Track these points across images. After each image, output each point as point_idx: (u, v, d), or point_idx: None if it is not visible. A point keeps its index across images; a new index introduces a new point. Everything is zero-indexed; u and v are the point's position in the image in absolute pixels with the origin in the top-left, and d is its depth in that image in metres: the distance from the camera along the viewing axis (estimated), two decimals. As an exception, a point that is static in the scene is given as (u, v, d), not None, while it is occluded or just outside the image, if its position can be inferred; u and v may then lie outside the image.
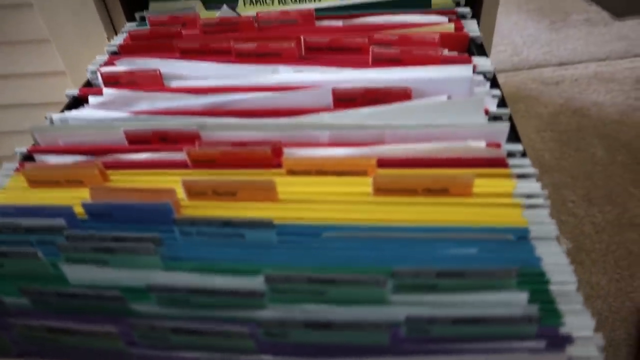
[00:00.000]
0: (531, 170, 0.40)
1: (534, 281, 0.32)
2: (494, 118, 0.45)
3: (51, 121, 0.51)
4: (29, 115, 0.79)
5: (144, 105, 0.50)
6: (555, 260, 0.33)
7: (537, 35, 1.60)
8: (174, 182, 0.41)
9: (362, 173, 0.39)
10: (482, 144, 0.40)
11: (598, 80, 1.40)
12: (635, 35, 1.55)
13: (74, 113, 0.50)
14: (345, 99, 0.46)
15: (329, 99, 0.46)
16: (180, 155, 0.43)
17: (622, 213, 1.02)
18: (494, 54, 1.50)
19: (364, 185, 0.38)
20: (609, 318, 0.86)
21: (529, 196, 0.38)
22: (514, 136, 0.44)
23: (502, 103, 0.48)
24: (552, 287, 0.32)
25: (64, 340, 0.31)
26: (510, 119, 0.46)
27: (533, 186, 0.38)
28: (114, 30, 0.72)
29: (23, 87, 0.77)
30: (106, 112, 0.49)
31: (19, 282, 0.34)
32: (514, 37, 1.59)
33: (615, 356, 0.81)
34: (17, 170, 0.46)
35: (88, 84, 0.58)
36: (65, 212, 0.38)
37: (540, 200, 0.37)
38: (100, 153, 0.45)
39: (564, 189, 1.10)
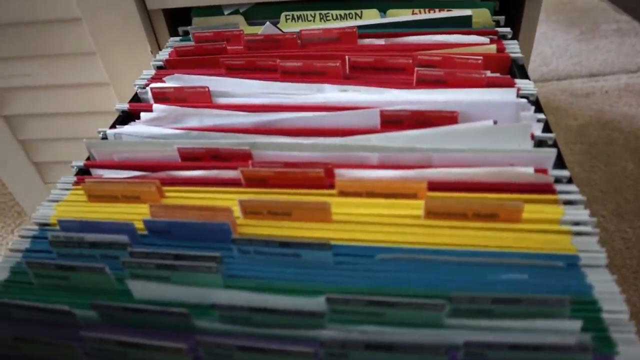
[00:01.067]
0: (579, 197, 0.40)
1: (586, 309, 0.33)
2: (539, 142, 0.46)
3: (105, 136, 0.53)
4: (75, 122, 0.82)
5: (193, 122, 0.52)
6: (606, 289, 0.34)
7: (566, 45, 1.59)
8: (228, 200, 0.42)
9: (412, 196, 0.40)
10: (529, 169, 0.41)
11: (629, 92, 1.39)
12: (667, 47, 1.53)
13: (127, 129, 0.52)
14: (392, 121, 0.47)
15: (376, 120, 0.48)
16: (233, 173, 0.44)
17: (654, 229, 1.02)
18: (522, 64, 1.50)
19: (415, 207, 0.39)
20: (641, 336, 0.86)
21: (577, 223, 0.39)
22: (559, 162, 0.45)
23: (546, 127, 0.48)
24: (604, 316, 0.32)
25: (132, 354, 0.33)
26: (556, 144, 0.46)
27: (581, 213, 0.39)
28: (157, 44, 0.75)
29: (69, 96, 0.80)
30: (158, 129, 0.51)
31: (85, 296, 0.36)
32: (543, 47, 1.58)
33: (647, 374, 0.80)
34: (75, 183, 0.48)
35: (136, 98, 0.60)
36: (127, 228, 0.40)
37: (588, 228, 0.38)
38: (154, 169, 0.47)
39: (593, 203, 1.09)
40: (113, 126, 0.55)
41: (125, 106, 0.57)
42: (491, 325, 0.31)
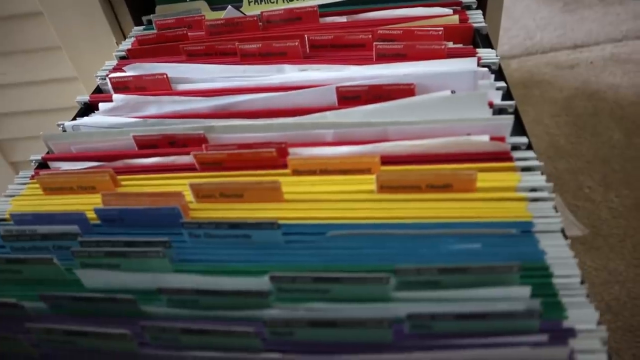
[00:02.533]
0: (536, 162, 0.40)
1: (537, 275, 0.32)
2: (499, 111, 0.45)
3: (64, 129, 0.52)
4: (44, 121, 0.81)
5: (152, 110, 0.51)
6: (559, 254, 0.33)
7: (550, 18, 1.57)
8: (183, 186, 0.42)
9: (366, 171, 0.39)
10: (485, 138, 0.40)
11: (614, 62, 1.37)
12: (653, 14, 1.52)
13: (86, 120, 0.52)
14: (349, 97, 0.46)
15: (333, 98, 0.47)
16: (188, 159, 0.44)
17: (640, 197, 1.01)
18: (506, 39, 1.48)
19: (368, 183, 0.39)
20: (628, 303, 0.85)
21: (534, 189, 0.38)
22: (519, 128, 0.44)
23: (507, 95, 0.47)
24: (556, 281, 0.32)
25: (80, 342, 0.32)
26: (516, 110, 0.46)
27: (538, 179, 0.38)
28: (122, 34, 0.74)
29: (37, 94, 0.79)
30: (116, 118, 0.50)
31: (37, 288, 0.36)
32: (527, 21, 1.57)
33: (634, 342, 0.80)
34: (32, 177, 0.47)
35: (98, 90, 0.59)
36: (78, 218, 0.39)
37: (545, 194, 0.37)
38: (111, 159, 0.47)
39: (580, 175, 1.09)
40: (74, 119, 0.54)
41: (86, 98, 0.56)
42: (439, 296, 0.31)
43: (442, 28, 0.52)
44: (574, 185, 1.06)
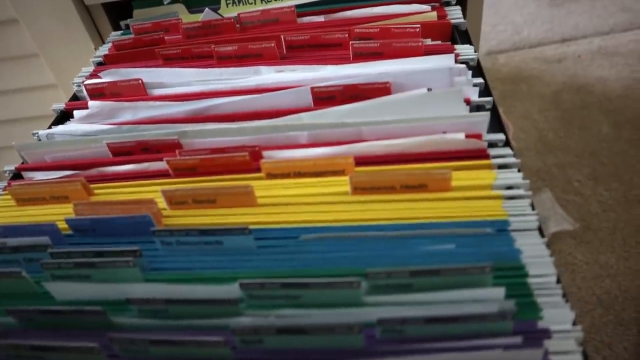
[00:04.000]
0: (513, 160, 0.39)
1: (512, 275, 0.32)
2: (476, 107, 0.45)
3: (39, 138, 0.51)
4: (23, 130, 0.80)
5: (127, 116, 0.51)
6: (535, 252, 0.33)
7: (537, 12, 1.57)
8: (156, 193, 0.41)
9: (340, 172, 0.39)
10: (461, 135, 0.40)
11: (602, 55, 1.37)
12: (640, 6, 1.51)
13: (60, 128, 0.51)
14: (324, 98, 0.46)
15: (308, 99, 0.46)
16: (162, 165, 0.43)
17: (629, 190, 1.01)
18: (494, 34, 1.48)
19: (343, 185, 0.38)
20: (619, 297, 0.85)
21: (510, 187, 0.37)
22: (497, 125, 0.43)
23: (486, 91, 0.47)
24: (531, 280, 0.31)
25: (49, 357, 0.31)
26: (494, 107, 0.45)
27: (514, 176, 0.38)
28: (101, 39, 0.73)
29: (15, 102, 0.78)
30: (91, 126, 0.50)
31: (5, 302, 0.35)
32: (514, 16, 1.56)
33: (625, 335, 0.80)
34: (4, 189, 0.46)
35: (75, 98, 0.58)
36: (49, 229, 0.38)
37: (521, 191, 0.37)
38: (85, 167, 0.46)
39: (569, 169, 1.08)
40: (50, 128, 0.53)
41: (62, 106, 0.56)
42: (410, 300, 0.30)
43: (419, 25, 0.52)
44: (563, 179, 1.06)
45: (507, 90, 1.29)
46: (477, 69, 0.50)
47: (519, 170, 0.38)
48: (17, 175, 0.49)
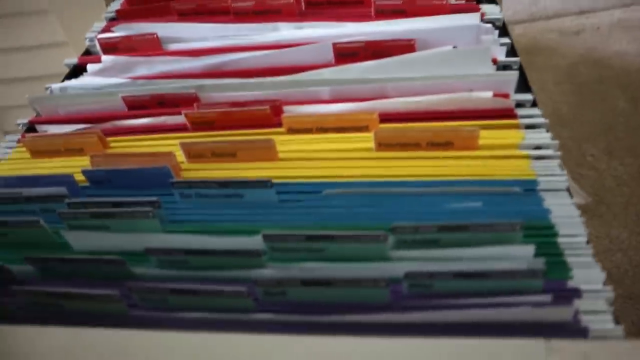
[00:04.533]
0: (541, 120, 0.38)
1: (542, 234, 0.31)
2: (503, 67, 0.43)
3: (51, 92, 0.50)
4: (33, 88, 0.79)
5: (142, 71, 0.49)
6: (565, 213, 0.32)
7: (556, -18, 1.53)
8: (173, 146, 0.40)
9: (364, 128, 0.38)
10: (488, 94, 0.38)
11: (621, 28, 1.33)
12: (662, -22, 1.47)
13: (73, 82, 0.50)
14: (346, 54, 0.44)
15: (329, 55, 0.45)
16: (179, 119, 0.42)
17: (645, 165, 0.99)
18: (510, 3, 1.44)
19: (366, 141, 0.37)
20: (629, 271, 0.85)
21: (538, 147, 0.36)
22: (524, 86, 0.42)
23: (512, 52, 0.45)
24: (561, 240, 0.31)
25: (68, 305, 0.31)
26: (521, 68, 0.44)
27: (543, 137, 0.37)
28: (113, -5, 0.71)
29: (25, 60, 0.77)
30: (105, 79, 0.49)
31: (23, 251, 0.35)
32: (532, -14, 1.52)
33: (634, 309, 0.80)
34: (19, 141, 0.46)
35: (87, 53, 0.57)
36: (66, 180, 0.38)
37: (550, 152, 0.36)
38: (99, 120, 0.45)
39: (583, 143, 1.07)
40: (62, 82, 0.52)
41: (74, 60, 0.54)
42: (437, 255, 0.29)
43: (443, -17, 0.50)
44: (578, 153, 1.04)
45: (523, 61, 1.26)
46: (502, 30, 0.49)
47: (547, 131, 0.37)
48: (30, 129, 0.48)
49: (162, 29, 0.53)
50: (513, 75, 0.39)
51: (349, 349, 0.24)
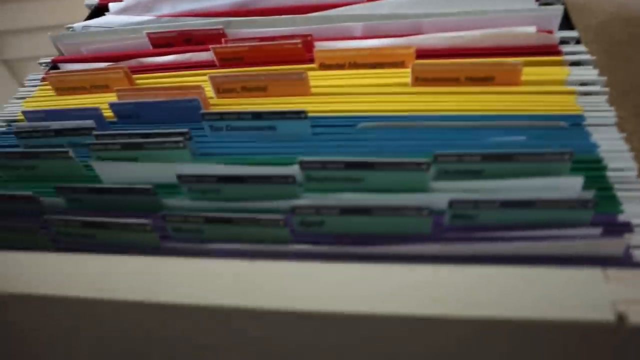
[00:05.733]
0: (587, 57, 0.36)
1: (590, 168, 0.29)
2: (545, 4, 0.41)
3: (73, 31, 0.49)
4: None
5: (166, 9, 0.48)
6: (613, 147, 0.31)
7: (586, -61, 1.46)
8: (202, 82, 0.39)
9: (400, 64, 0.36)
10: (531, 29, 0.37)
11: (654, -13, 1.28)
12: None
13: (96, 21, 0.49)
14: (379, -11, 0.42)
15: (361, -9, 0.43)
16: (207, 55, 0.41)
17: (675, 126, 0.96)
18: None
19: (402, 76, 0.36)
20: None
21: (584, 84, 0.35)
22: (567, 24, 0.40)
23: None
24: (610, 174, 0.29)
25: (99, 235, 0.31)
26: (564, 4, 0.41)
27: (589, 73, 0.35)
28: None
29: (44, 9, 0.75)
30: (128, 17, 0.47)
31: (53, 184, 0.34)
32: (561, -57, 1.46)
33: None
34: (43, 79, 0.45)
35: (109, -7, 0.55)
36: (93, 114, 0.37)
37: (597, 88, 0.34)
38: (124, 58, 0.44)
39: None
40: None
41: (95, 1, 0.53)
42: (482, 187, 0.28)
43: None
44: (605, 114, 1.01)
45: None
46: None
47: (594, 67, 0.36)
48: (52, 67, 0.47)
49: (186, -33, 0.51)
50: (558, 10, 0.37)
51: (391, 275, 0.24)
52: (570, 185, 0.28)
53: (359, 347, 0.26)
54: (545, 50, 0.36)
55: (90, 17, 0.52)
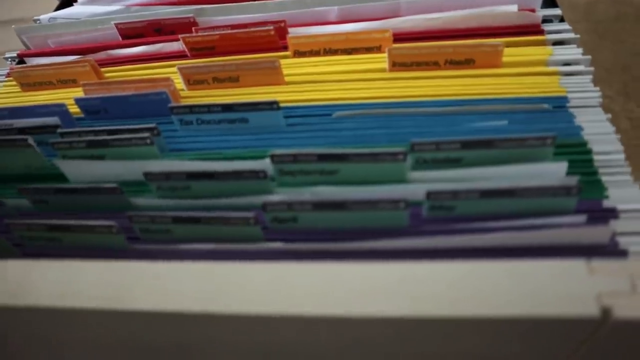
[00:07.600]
0: (571, 35, 0.35)
1: (574, 152, 0.28)
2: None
3: (40, 23, 0.47)
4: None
5: (136, -2, 0.46)
6: (599, 129, 0.29)
7: None
8: (172, 74, 0.37)
9: (376, 49, 0.35)
10: (513, 8, 0.35)
11: (641, -37, 1.26)
12: None
13: (63, 12, 0.47)
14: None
15: (336, -27, 0.41)
16: (177, 45, 0.39)
17: (664, 105, 0.95)
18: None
19: (379, 61, 0.34)
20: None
21: (567, 63, 0.33)
22: (551, 2, 0.39)
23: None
24: (596, 157, 0.28)
25: (65, 238, 0.29)
26: (546, -18, 0.40)
27: (573, 52, 0.34)
28: None
29: (10, 0, 0.73)
30: (96, 7, 0.45)
31: (17, 185, 0.33)
32: None
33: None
34: (8, 75, 0.43)
35: (77, -17, 0.53)
36: (58, 110, 0.35)
37: (581, 67, 0.33)
38: (92, 51, 0.42)
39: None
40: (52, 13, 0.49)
41: (64, -9, 0.51)
42: (461, 176, 0.27)
43: None
44: (594, 94, 1.00)
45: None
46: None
47: (577, 46, 0.34)
48: (20, 62, 0.45)
49: (156, -46, 0.49)
50: (539, -13, 0.36)
51: (368, 275, 0.22)
52: (554, 171, 0.26)
53: (336, 349, 0.25)
54: (527, 30, 0.35)
55: (59, 8, 0.50)
